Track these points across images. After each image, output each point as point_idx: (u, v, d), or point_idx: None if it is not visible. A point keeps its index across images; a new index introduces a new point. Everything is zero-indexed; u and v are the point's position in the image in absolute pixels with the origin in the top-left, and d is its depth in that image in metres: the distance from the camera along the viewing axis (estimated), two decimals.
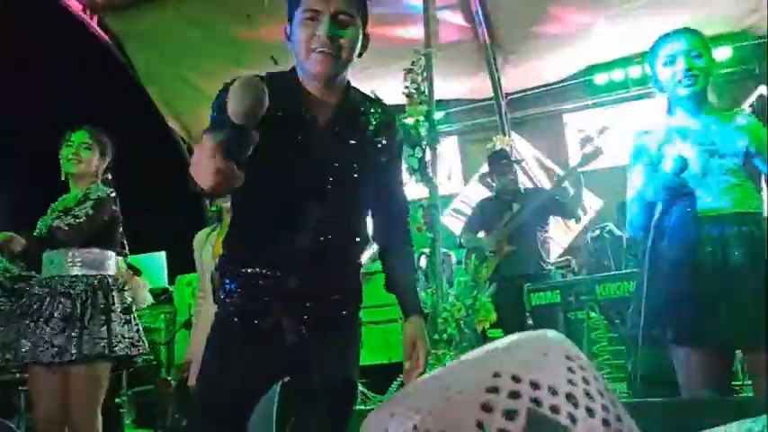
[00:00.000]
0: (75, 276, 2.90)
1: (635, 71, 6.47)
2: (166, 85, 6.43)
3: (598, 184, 6.41)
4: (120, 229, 3.04)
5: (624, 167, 2.50)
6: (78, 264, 2.91)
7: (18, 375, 3.98)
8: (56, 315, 2.81)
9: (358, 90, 1.77)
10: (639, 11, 5.67)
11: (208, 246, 3.22)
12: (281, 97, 1.52)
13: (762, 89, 6.22)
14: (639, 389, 3.83)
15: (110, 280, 2.94)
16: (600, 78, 6.67)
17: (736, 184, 2.21)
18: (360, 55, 1.69)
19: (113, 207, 2.97)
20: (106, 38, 6.19)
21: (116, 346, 2.84)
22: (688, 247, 2.20)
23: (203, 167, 1.28)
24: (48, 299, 2.85)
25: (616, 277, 3.81)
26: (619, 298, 3.60)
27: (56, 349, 2.76)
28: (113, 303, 2.90)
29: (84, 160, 3.01)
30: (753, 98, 5.99)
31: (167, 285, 6.22)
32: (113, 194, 2.99)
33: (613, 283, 3.68)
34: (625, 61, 6.47)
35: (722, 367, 2.21)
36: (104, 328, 2.82)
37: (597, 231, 5.62)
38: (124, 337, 2.89)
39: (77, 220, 2.86)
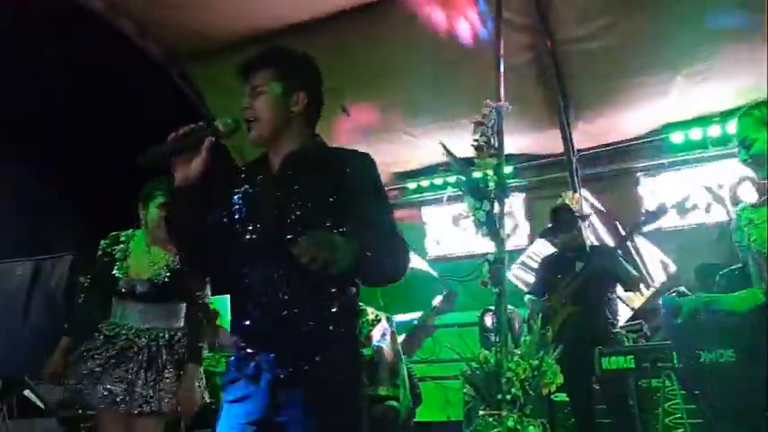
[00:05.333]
0: (152, 329, 2.94)
1: (714, 130, 6.25)
2: (244, 138, 6.60)
3: (673, 244, 6.17)
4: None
5: (698, 227, 2.48)
6: (155, 317, 2.96)
7: (80, 412, 4.04)
8: (132, 365, 2.86)
9: (314, 144, 1.95)
10: (718, 71, 5.54)
11: None
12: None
13: None
14: None
15: (179, 333, 2.98)
16: (676, 137, 6.47)
17: None
18: (299, 112, 1.90)
19: None
20: (187, 88, 6.45)
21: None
22: None
23: None
24: (132, 348, 2.90)
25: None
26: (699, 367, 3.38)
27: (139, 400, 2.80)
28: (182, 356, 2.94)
29: None
30: None
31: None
32: None
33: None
34: (704, 120, 6.27)
35: None
36: (175, 381, 2.86)
37: (673, 294, 5.37)
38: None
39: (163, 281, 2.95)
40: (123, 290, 2.96)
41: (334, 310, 1.77)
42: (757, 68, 5.31)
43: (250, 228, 1.84)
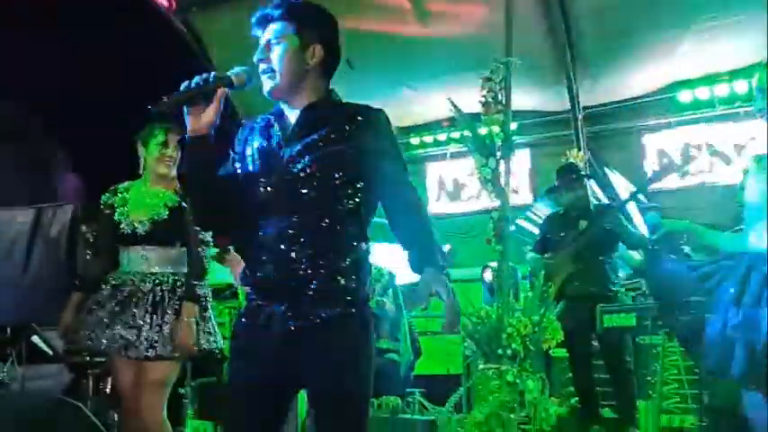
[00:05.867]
0: (157, 273, 2.96)
1: (721, 90, 6.19)
2: (253, 94, 6.53)
3: (677, 204, 6.18)
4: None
5: (704, 187, 2.44)
6: (159, 261, 2.98)
7: (88, 359, 4.10)
8: (138, 311, 2.89)
9: (330, 98, 1.93)
10: (726, 29, 5.46)
11: None
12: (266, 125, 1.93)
13: None
14: (710, 421, 3.66)
15: (183, 279, 2.99)
16: (684, 96, 6.41)
17: None
18: (315, 66, 1.88)
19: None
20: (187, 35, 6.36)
21: (201, 341, 2.91)
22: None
23: None
24: (137, 294, 2.93)
25: (696, 304, 3.63)
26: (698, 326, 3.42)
27: (144, 344, 2.84)
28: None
29: (176, 162, 3.04)
30: None
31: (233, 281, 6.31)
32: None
33: (695, 309, 3.51)
34: (711, 79, 6.21)
35: None
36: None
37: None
38: (204, 332, 2.95)
39: (162, 219, 2.96)
40: (125, 232, 2.97)
41: (345, 264, 1.78)
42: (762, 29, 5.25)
43: (263, 180, 1.83)
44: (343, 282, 1.77)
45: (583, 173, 4.98)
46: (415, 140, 7.58)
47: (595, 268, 4.47)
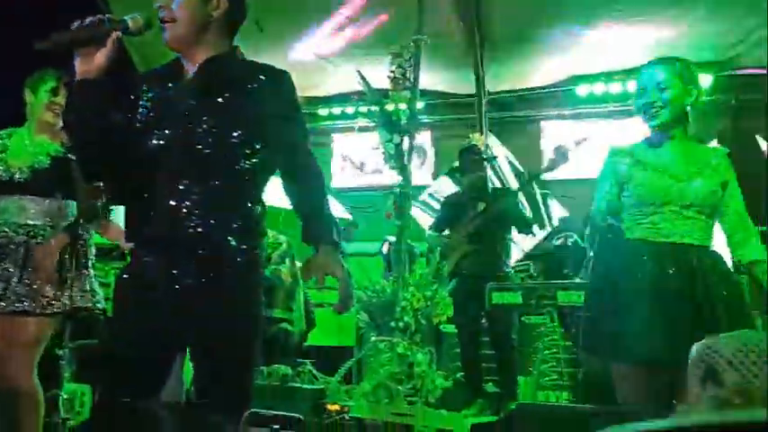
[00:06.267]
0: (33, 225, 2.80)
1: (616, 87, 6.52)
2: (146, 38, 6.24)
3: (567, 194, 6.49)
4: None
5: (594, 180, 2.53)
6: (36, 212, 2.81)
7: None
8: (8, 263, 2.72)
9: (233, 54, 1.87)
10: (627, 27, 5.72)
11: None
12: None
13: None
14: (584, 397, 3.91)
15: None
16: (582, 90, 6.70)
17: (689, 217, 2.29)
18: (218, 18, 1.80)
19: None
20: None
21: (76, 297, 2.76)
22: (630, 271, 2.27)
23: None
24: (9, 245, 2.76)
25: (578, 286, 3.84)
26: (579, 307, 3.63)
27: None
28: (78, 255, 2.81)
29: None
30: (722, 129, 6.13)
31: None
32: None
33: (575, 291, 3.71)
34: (607, 76, 6.52)
35: (654, 386, 2.24)
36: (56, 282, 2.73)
37: (561, 240, 5.68)
38: (83, 291, 2.81)
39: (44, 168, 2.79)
40: (2, 179, 2.79)
41: (237, 225, 1.75)
42: (664, 29, 5.54)
43: (156, 133, 1.76)
44: (233, 242, 1.74)
45: (484, 156, 5.12)
46: (323, 112, 7.52)
47: (489, 249, 4.62)
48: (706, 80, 6.09)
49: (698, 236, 2.29)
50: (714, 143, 4.78)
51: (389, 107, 4.12)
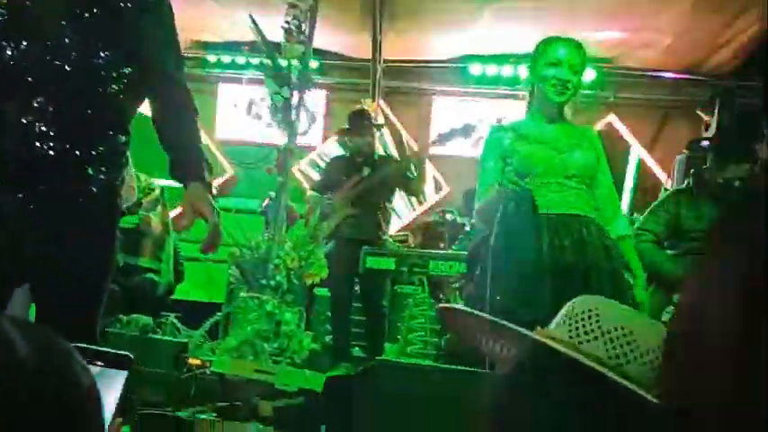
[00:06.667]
0: None
1: (507, 70, 6.67)
2: None
3: (448, 170, 6.62)
4: None
5: (474, 159, 2.59)
6: None
7: None
8: None
9: None
10: (523, 14, 5.84)
11: None
12: None
13: (611, 117, 6.71)
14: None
15: None
16: (475, 69, 6.81)
17: (573, 188, 2.39)
18: None
19: None
20: None
21: None
22: (523, 242, 2.30)
23: None
24: None
25: (450, 257, 3.92)
26: (449, 277, 3.70)
27: None
28: None
29: None
30: (601, 124, 6.46)
31: None
32: None
33: (446, 261, 3.78)
34: (500, 58, 6.65)
35: None
36: None
37: (440, 215, 5.79)
38: None
39: None
40: None
41: (97, 152, 1.62)
42: (557, 20, 5.70)
43: (13, 46, 1.58)
44: (91, 171, 1.61)
45: (374, 122, 5.10)
46: (212, 58, 7.19)
47: (369, 215, 4.63)
48: (591, 74, 6.37)
49: (582, 206, 2.40)
50: None
51: (282, 62, 3.98)
